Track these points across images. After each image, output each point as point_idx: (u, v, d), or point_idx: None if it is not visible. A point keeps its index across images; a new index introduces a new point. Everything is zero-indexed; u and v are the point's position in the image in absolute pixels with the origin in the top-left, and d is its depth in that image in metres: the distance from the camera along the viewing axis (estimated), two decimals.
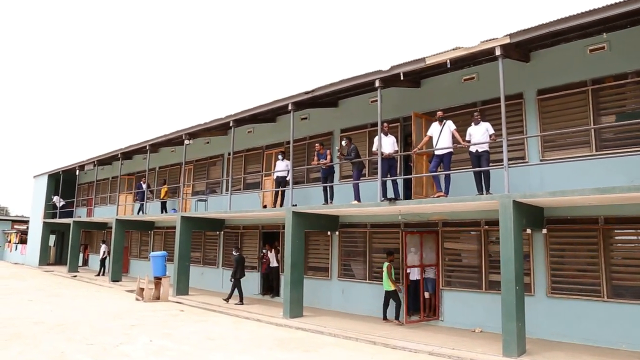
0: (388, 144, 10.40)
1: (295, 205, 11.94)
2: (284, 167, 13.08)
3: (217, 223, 16.66)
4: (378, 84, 10.17)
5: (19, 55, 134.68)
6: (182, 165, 17.05)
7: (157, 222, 20.39)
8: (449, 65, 9.38)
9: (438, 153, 9.53)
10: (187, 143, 15.94)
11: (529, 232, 9.46)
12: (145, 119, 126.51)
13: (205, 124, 15.03)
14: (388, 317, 10.84)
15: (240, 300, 13.48)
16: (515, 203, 8.05)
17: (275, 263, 14.46)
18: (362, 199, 11.00)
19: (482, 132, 9.11)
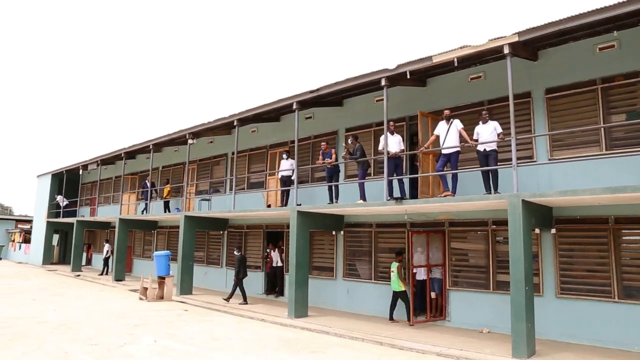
0: (394, 143, 10.31)
1: (300, 205, 11.87)
2: (289, 166, 12.99)
3: (220, 222, 16.60)
4: (384, 83, 10.07)
5: (23, 56, 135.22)
6: (185, 165, 16.99)
7: (160, 221, 20.34)
8: (456, 64, 9.27)
9: (445, 152, 9.43)
10: (190, 142, 15.87)
11: (538, 232, 9.35)
12: (149, 119, 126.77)
13: (209, 124, 14.97)
14: (395, 317, 10.75)
15: (244, 300, 13.40)
16: (525, 202, 7.95)
17: (280, 262, 14.39)
18: (367, 199, 10.92)
19: (490, 131, 9.01)
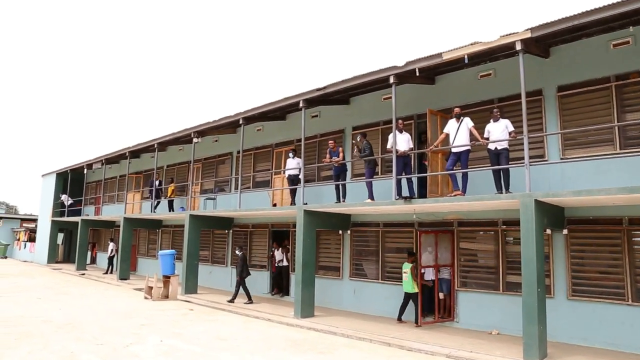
0: (403, 142, 10.17)
1: (306, 204, 11.75)
2: (295, 164, 12.86)
3: (225, 221, 16.51)
4: (392, 80, 9.93)
5: (28, 56, 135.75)
6: (190, 164, 16.91)
7: (165, 220, 20.28)
8: (467, 61, 9.11)
9: (455, 151, 9.27)
10: (195, 141, 15.78)
11: (549, 232, 9.18)
12: (154, 118, 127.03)
13: (214, 122, 14.86)
14: (403, 319, 10.60)
15: (249, 299, 13.31)
16: (537, 202, 7.79)
17: (285, 262, 14.28)
18: (375, 198, 10.78)
19: (501, 129, 8.84)
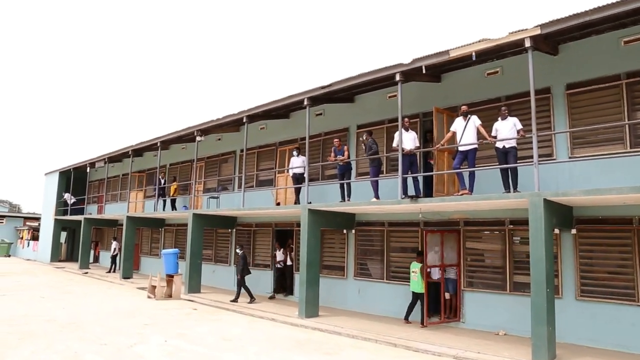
0: (409, 140, 10.05)
1: (310, 203, 11.65)
2: (300, 163, 12.73)
3: (229, 220, 16.43)
4: (399, 78, 9.82)
5: (31, 55, 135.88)
6: (193, 162, 16.82)
7: (167, 219, 20.21)
8: (474, 58, 8.99)
9: (462, 149, 9.16)
10: (199, 139, 15.70)
11: (557, 232, 9.05)
12: (156, 116, 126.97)
13: (218, 120, 14.78)
14: (410, 319, 10.50)
15: (251, 298, 13.27)
16: (546, 202, 7.68)
17: (289, 261, 14.20)
18: (380, 197, 10.68)
19: (509, 127, 8.72)
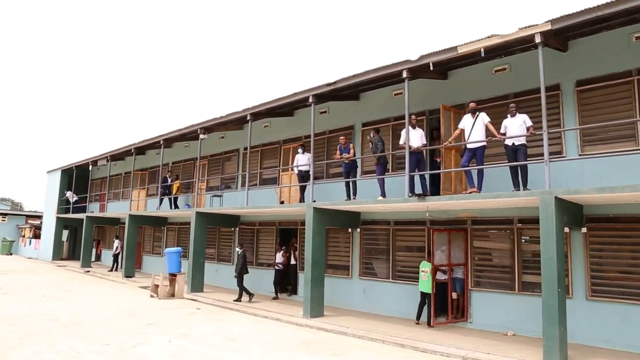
0: (416, 138, 9.91)
1: (314, 202, 11.52)
2: (306, 160, 12.56)
3: (232, 219, 16.31)
4: (405, 75, 9.68)
5: (33, 53, 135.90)
6: (196, 160, 16.70)
7: (170, 217, 20.09)
8: (483, 55, 8.84)
9: (470, 147, 9.01)
10: (202, 137, 15.57)
11: (567, 231, 8.91)
12: (159, 114, 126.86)
13: (221, 118, 14.65)
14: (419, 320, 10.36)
15: (249, 296, 13.19)
16: (557, 200, 7.54)
17: (293, 260, 14.07)
18: (386, 195, 10.54)
19: (518, 124, 8.56)
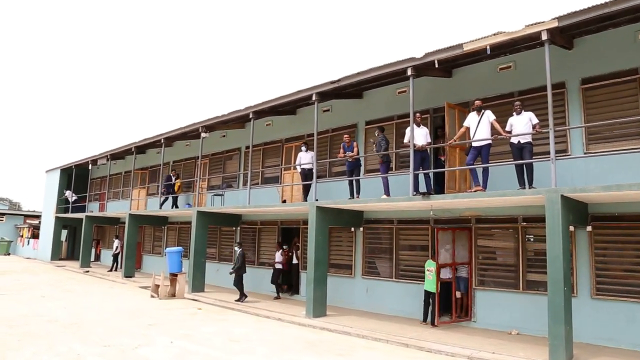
0: (421, 136, 9.85)
1: (317, 200, 11.44)
2: (310, 159, 12.47)
3: (233, 218, 16.22)
4: (410, 73, 9.62)
5: (31, 51, 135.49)
6: (198, 159, 16.60)
7: (171, 217, 19.98)
8: (489, 52, 8.78)
9: (476, 145, 8.95)
10: (203, 136, 15.47)
11: (572, 229, 8.85)
12: (160, 113, 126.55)
13: (223, 116, 14.56)
14: (419, 318, 10.30)
15: (242, 296, 13.13)
16: (564, 198, 7.48)
17: (295, 260, 14.00)
18: (390, 194, 10.47)
19: (524, 122, 8.51)
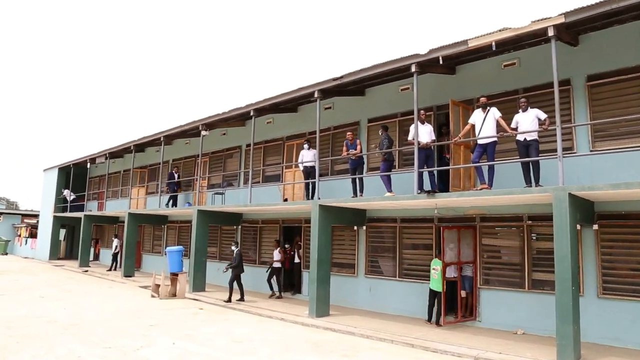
0: (425, 133, 9.74)
1: (319, 199, 11.33)
2: (312, 156, 12.34)
3: (234, 217, 16.10)
4: (414, 69, 9.51)
5: (29, 50, 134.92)
6: (198, 157, 16.47)
7: (170, 216, 19.85)
8: (494, 49, 8.68)
9: (481, 142, 8.84)
10: (204, 134, 15.33)
11: (578, 228, 8.75)
12: (159, 111, 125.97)
13: (224, 114, 14.40)
14: (422, 317, 10.22)
15: (229, 299, 12.98)
16: (571, 196, 7.38)
17: (297, 259, 13.90)
18: (392, 189, 10.37)
19: (530, 119, 8.39)
